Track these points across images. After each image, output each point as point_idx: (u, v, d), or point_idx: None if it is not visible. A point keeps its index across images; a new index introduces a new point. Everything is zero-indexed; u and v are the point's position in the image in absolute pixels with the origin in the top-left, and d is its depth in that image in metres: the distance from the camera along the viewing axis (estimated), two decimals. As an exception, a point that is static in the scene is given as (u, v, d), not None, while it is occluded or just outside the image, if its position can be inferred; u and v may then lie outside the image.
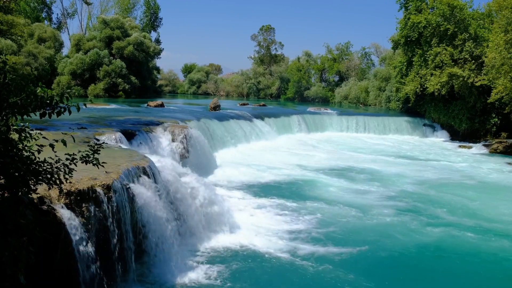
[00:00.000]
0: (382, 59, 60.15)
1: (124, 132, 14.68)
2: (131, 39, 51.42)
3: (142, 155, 10.36)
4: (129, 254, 7.74)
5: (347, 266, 9.24)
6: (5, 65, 4.63)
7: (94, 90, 46.67)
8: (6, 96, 4.54)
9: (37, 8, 63.05)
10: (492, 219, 13.10)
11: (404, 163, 22.51)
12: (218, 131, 23.24)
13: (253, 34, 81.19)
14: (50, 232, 5.93)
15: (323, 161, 21.76)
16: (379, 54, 68.02)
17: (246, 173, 17.68)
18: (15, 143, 4.61)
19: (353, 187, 16.60)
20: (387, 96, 50.38)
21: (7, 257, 4.26)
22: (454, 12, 32.49)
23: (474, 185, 17.91)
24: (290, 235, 10.85)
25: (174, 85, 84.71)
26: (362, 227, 11.84)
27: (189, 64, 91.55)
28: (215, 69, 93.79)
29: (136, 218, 8.13)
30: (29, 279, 4.78)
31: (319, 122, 34.92)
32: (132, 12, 69.50)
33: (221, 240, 10.22)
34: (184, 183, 10.41)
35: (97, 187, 7.22)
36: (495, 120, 32.35)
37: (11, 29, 30.07)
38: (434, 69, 33.04)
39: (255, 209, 12.89)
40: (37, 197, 6.03)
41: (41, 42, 49.43)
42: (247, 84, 78.07)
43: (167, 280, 8.14)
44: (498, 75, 27.49)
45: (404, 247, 10.56)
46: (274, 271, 8.91)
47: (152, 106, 31.14)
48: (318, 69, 72.50)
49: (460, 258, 10.12)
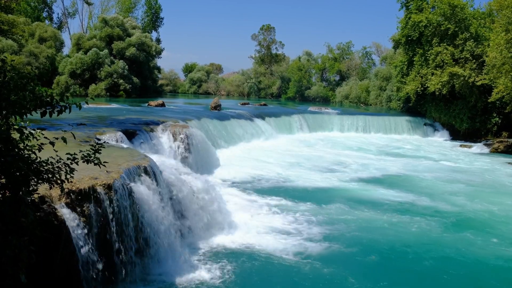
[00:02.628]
0: (383, 59, 60.13)
1: (125, 132, 14.68)
2: (133, 39, 51.42)
3: (143, 154, 10.36)
4: (130, 254, 7.73)
5: (349, 266, 9.23)
6: (4, 63, 4.62)
7: (95, 90, 46.67)
8: (6, 95, 4.53)
9: (38, 7, 63.09)
10: (493, 218, 13.10)
11: (405, 163, 22.48)
12: (219, 131, 23.23)
13: (254, 33, 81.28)
14: (51, 231, 5.93)
15: (324, 161, 21.74)
16: (380, 53, 68.01)
17: (247, 173, 17.67)
18: (16, 142, 4.60)
19: (354, 186, 16.59)
20: (388, 96, 50.36)
21: (8, 256, 4.26)
22: (455, 11, 32.46)
23: (475, 185, 17.88)
24: (291, 235, 10.83)
25: (175, 84, 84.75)
26: (364, 227, 11.82)
27: (189, 64, 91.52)
28: (215, 69, 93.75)
29: (137, 218, 8.12)
30: (29, 278, 4.77)
31: (320, 122, 34.91)
32: (133, 12, 69.54)
33: (222, 239, 10.21)
34: (185, 182, 10.40)
35: (98, 187, 7.21)
36: (496, 119, 32.32)
37: (12, 28, 30.02)
38: (435, 69, 33.02)
39: (256, 209, 12.88)
40: (38, 196, 6.03)
41: (42, 42, 49.43)
42: (248, 83, 78.07)
43: (168, 279, 8.13)
44: (499, 75, 27.47)
45: (405, 247, 10.56)
46: (275, 270, 8.90)
47: (153, 105, 31.13)
48: (319, 68, 72.50)
49: (461, 257, 10.11)
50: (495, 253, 10.46)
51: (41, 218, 5.92)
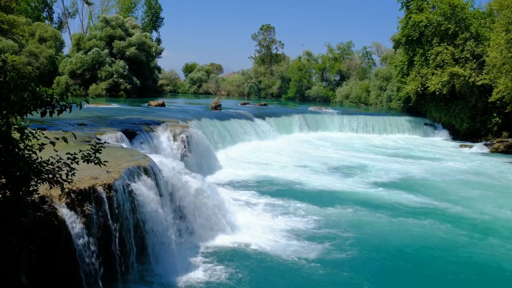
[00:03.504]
0: (383, 59, 60.09)
1: (125, 132, 14.68)
2: (133, 39, 51.43)
3: (143, 154, 10.36)
4: (130, 253, 7.74)
5: (351, 266, 9.22)
6: (5, 63, 4.62)
7: (95, 90, 46.68)
8: (6, 95, 4.53)
9: (38, 7, 63.10)
10: (494, 217, 13.09)
11: (406, 162, 22.47)
12: (219, 131, 23.22)
13: (254, 33, 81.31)
14: (51, 231, 5.93)
15: (324, 160, 21.73)
16: (380, 53, 67.95)
17: (247, 172, 17.67)
18: (16, 142, 4.60)
19: (355, 186, 16.58)
20: (388, 96, 50.34)
21: (8, 256, 4.26)
22: (455, 11, 32.46)
23: (475, 184, 17.88)
24: (291, 234, 10.82)
25: (175, 84, 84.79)
26: (366, 226, 11.81)
27: (190, 64, 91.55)
28: (216, 69, 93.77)
29: (137, 217, 8.12)
30: (29, 278, 4.78)
31: (320, 122, 34.91)
32: (133, 12, 69.52)
33: (222, 239, 10.20)
34: (185, 182, 10.40)
35: (98, 187, 7.21)
36: (496, 119, 32.31)
37: (12, 28, 30.04)
38: (435, 69, 33.01)
39: (257, 209, 12.87)
40: (38, 196, 6.03)
41: (42, 42, 49.43)
42: (248, 83, 78.09)
43: (168, 279, 8.13)
44: (499, 75, 27.46)
45: (405, 246, 10.54)
46: (276, 270, 8.88)
47: (153, 105, 31.13)
48: (319, 68, 72.50)
49: (462, 255, 10.11)
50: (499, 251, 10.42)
51: (41, 218, 5.92)
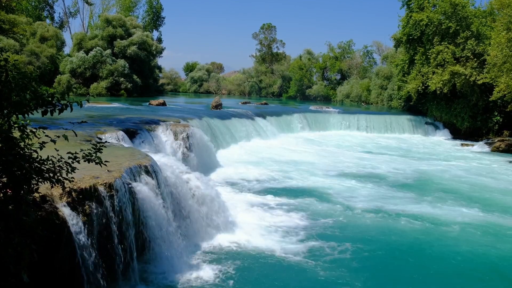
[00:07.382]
0: (384, 58, 60.06)
1: (126, 131, 14.67)
2: (134, 38, 51.43)
3: (144, 153, 10.36)
4: (131, 253, 7.74)
5: (353, 266, 9.21)
6: (6, 63, 4.63)
7: (96, 89, 46.72)
8: (8, 94, 4.53)
9: (39, 7, 63.14)
10: (494, 217, 13.09)
11: (407, 162, 22.47)
12: (220, 130, 23.23)
13: (255, 32, 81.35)
14: (52, 230, 5.94)
15: (325, 160, 21.73)
16: (381, 52, 67.92)
17: (248, 172, 17.67)
18: (17, 141, 4.60)
19: (355, 186, 16.58)
20: (389, 95, 50.32)
21: (10, 254, 4.26)
22: (456, 10, 32.41)
23: (476, 184, 17.87)
24: (292, 234, 10.82)
25: (176, 83, 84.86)
26: (367, 226, 11.82)
27: (190, 63, 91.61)
28: (216, 68, 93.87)
29: (138, 217, 8.13)
30: (31, 277, 4.78)
31: (321, 121, 34.91)
32: (133, 11, 69.55)
33: (223, 238, 10.20)
34: (186, 182, 10.40)
35: (99, 186, 7.22)
36: (497, 118, 32.28)
37: (13, 28, 30.12)
38: (436, 67, 32.98)
39: (258, 208, 12.86)
40: (40, 195, 6.03)
41: (43, 41, 49.48)
42: (249, 82, 78.14)
43: (169, 279, 8.14)
44: (500, 73, 27.42)
45: (406, 245, 10.57)
46: (277, 270, 8.88)
47: (154, 104, 31.16)
48: (320, 67, 72.50)
49: (463, 254, 10.11)
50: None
51: (42, 217, 5.93)
